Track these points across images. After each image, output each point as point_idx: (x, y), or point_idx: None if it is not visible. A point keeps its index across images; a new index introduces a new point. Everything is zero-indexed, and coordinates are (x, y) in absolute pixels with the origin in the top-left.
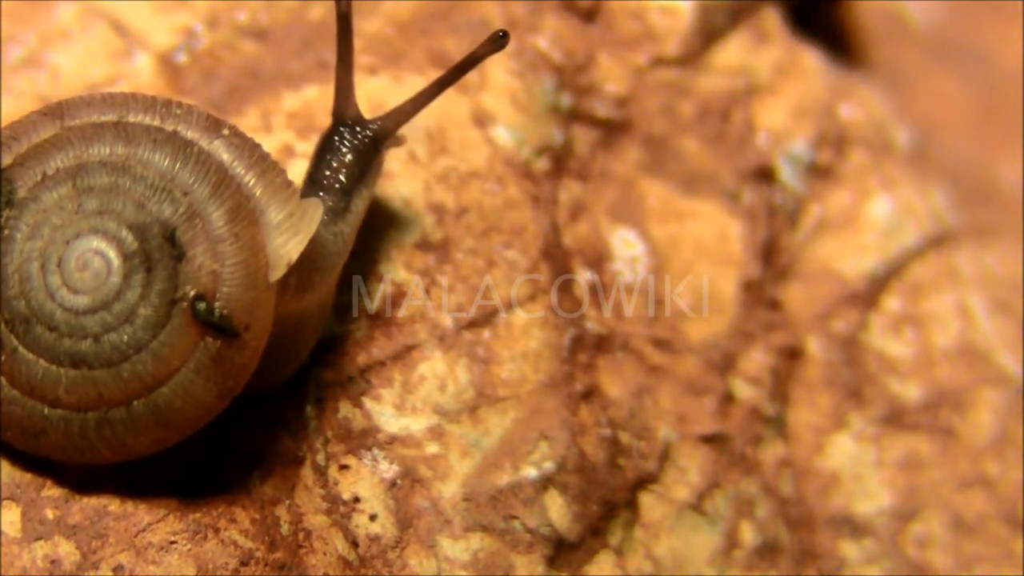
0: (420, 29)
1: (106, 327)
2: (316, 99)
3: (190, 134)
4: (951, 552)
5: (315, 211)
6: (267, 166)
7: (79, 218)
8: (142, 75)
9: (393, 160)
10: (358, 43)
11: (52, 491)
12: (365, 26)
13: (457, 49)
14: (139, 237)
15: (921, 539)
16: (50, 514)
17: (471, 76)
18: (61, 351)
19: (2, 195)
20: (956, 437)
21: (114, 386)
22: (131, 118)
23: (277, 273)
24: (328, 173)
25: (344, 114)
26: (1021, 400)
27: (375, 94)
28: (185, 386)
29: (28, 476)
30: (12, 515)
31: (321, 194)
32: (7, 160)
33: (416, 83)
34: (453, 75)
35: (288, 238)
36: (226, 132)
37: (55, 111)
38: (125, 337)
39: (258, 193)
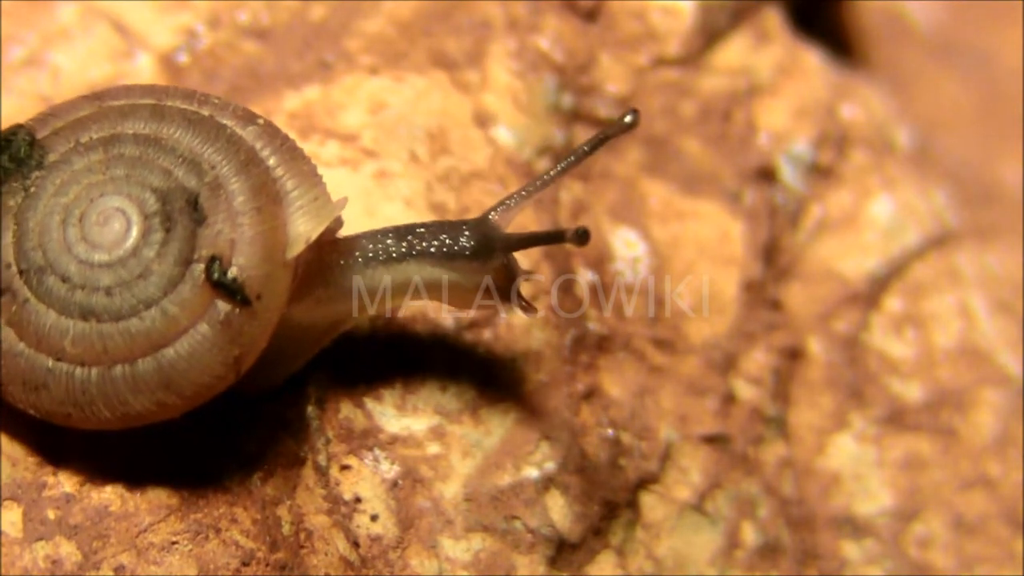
0: (421, 29)
1: (119, 281)
2: (317, 99)
3: (224, 120)
4: (952, 552)
5: (340, 201)
6: (297, 154)
7: (106, 180)
8: (143, 75)
9: (395, 160)
10: (358, 43)
11: (53, 491)
12: (365, 26)
13: (458, 49)
14: (162, 200)
15: (922, 539)
16: (51, 514)
17: (472, 76)
18: (72, 302)
19: (33, 159)
20: (957, 437)
21: (120, 341)
22: (168, 103)
23: (295, 251)
24: (417, 229)
25: (489, 217)
26: (1022, 400)
27: (376, 94)
28: (192, 348)
29: (29, 476)
30: (13, 515)
31: (392, 238)
32: (44, 132)
33: (417, 83)
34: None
35: (309, 219)
36: (260, 122)
37: (96, 94)
38: (137, 292)
39: (285, 177)
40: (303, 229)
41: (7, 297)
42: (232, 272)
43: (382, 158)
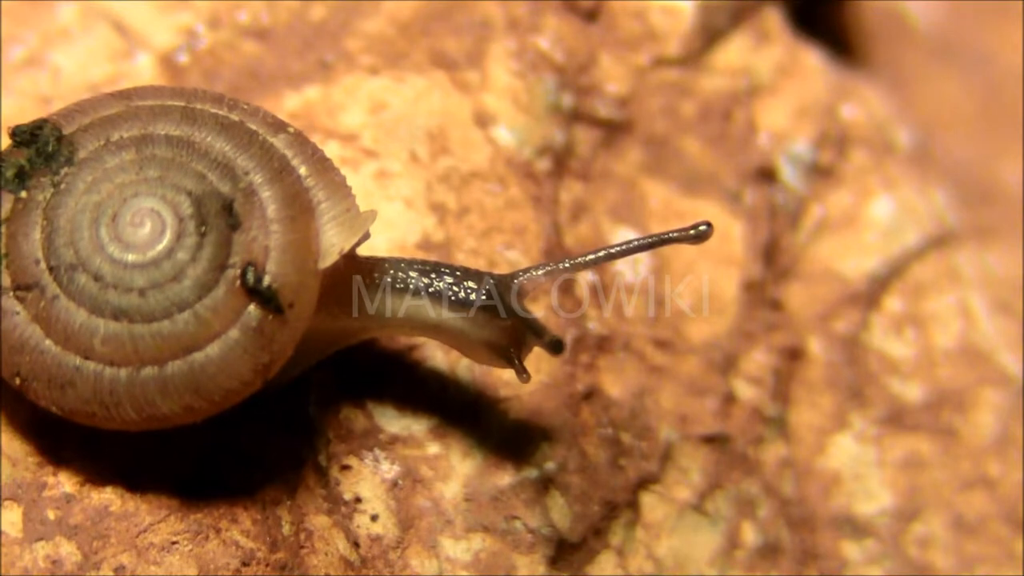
0: (421, 29)
1: (153, 283)
2: (317, 99)
3: (254, 126)
4: (952, 552)
5: (370, 214)
6: (327, 165)
7: (139, 180)
8: (143, 75)
9: (395, 160)
10: (358, 43)
11: (53, 491)
12: (365, 26)
13: (458, 49)
14: (196, 203)
15: (922, 539)
16: (51, 514)
17: (472, 76)
18: (104, 302)
19: (62, 154)
20: (957, 437)
21: (152, 342)
22: (198, 105)
23: (327, 261)
24: (442, 269)
25: (515, 280)
26: (1022, 400)
27: (376, 94)
28: (222, 353)
29: (29, 476)
30: (13, 515)
31: (416, 271)
32: (71, 128)
33: (417, 83)
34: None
35: (341, 230)
36: (290, 130)
37: (124, 93)
38: (171, 294)
39: (317, 187)
40: (336, 240)
41: (35, 293)
42: (267, 279)
43: (382, 158)
